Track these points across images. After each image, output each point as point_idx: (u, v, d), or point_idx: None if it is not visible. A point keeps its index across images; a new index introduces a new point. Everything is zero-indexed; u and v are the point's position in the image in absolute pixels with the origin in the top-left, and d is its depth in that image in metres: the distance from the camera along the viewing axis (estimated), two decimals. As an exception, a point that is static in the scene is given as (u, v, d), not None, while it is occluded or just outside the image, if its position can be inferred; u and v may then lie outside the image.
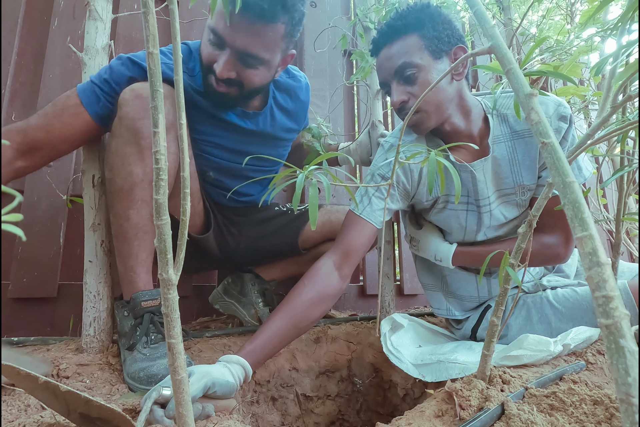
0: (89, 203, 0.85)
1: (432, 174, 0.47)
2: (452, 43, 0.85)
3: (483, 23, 0.36)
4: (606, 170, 2.33)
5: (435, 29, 0.83)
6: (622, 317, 0.23)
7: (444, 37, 0.84)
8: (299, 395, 1.07)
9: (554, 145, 0.30)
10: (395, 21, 0.85)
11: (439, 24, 0.84)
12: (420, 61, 0.82)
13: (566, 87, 1.24)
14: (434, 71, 0.83)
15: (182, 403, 0.38)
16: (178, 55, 0.38)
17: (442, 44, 0.83)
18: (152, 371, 0.72)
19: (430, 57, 0.83)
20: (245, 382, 0.68)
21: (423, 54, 0.82)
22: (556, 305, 0.89)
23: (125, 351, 0.78)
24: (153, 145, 0.37)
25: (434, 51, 0.83)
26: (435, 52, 0.83)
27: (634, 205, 1.54)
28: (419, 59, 0.82)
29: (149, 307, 0.79)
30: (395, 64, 0.83)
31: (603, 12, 1.23)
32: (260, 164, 1.09)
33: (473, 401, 0.56)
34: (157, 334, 0.79)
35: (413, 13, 0.84)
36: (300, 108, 1.12)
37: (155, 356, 0.76)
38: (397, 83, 0.85)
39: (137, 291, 0.80)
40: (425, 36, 0.83)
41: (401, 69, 0.83)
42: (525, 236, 0.54)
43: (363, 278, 1.65)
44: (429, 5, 0.86)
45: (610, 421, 0.49)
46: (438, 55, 0.83)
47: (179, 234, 0.38)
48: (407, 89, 0.84)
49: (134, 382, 0.72)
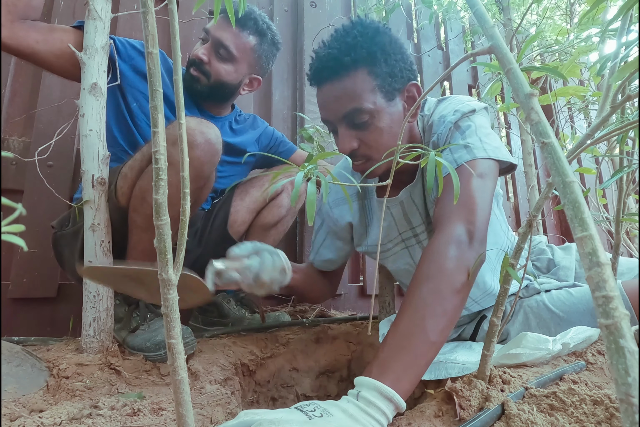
0: (89, 203, 0.85)
1: (432, 173, 0.47)
2: (405, 78, 0.77)
3: (483, 23, 0.36)
4: (606, 171, 2.33)
5: (387, 63, 0.74)
6: (622, 317, 0.23)
7: (397, 73, 0.76)
8: (299, 395, 1.07)
9: (553, 146, 0.30)
10: (342, 54, 0.72)
11: (392, 55, 0.75)
12: (373, 106, 0.73)
13: (566, 87, 1.24)
14: (387, 116, 0.75)
15: (182, 403, 0.38)
16: (177, 55, 0.38)
17: (396, 82, 0.76)
18: (157, 339, 0.81)
19: (383, 100, 0.74)
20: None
21: (376, 97, 0.74)
22: (554, 309, 0.87)
23: (122, 331, 0.87)
24: (153, 146, 0.37)
25: (387, 93, 0.75)
26: (389, 93, 0.75)
27: (634, 206, 1.54)
28: (372, 104, 0.73)
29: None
30: (344, 109, 0.74)
31: (602, 12, 1.23)
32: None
33: (473, 401, 0.56)
34: (152, 313, 0.89)
35: (363, 45, 0.73)
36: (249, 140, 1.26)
37: (154, 327, 0.85)
38: (345, 128, 0.76)
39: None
40: (377, 74, 0.73)
41: (351, 115, 0.74)
42: (525, 236, 0.54)
43: (363, 278, 1.65)
44: (379, 31, 0.75)
45: (610, 421, 0.49)
46: (391, 96, 0.76)
47: (179, 234, 0.38)
48: (357, 135, 0.76)
49: (143, 352, 0.82)
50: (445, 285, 0.58)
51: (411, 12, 2.15)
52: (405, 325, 0.56)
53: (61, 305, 1.15)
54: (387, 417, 0.48)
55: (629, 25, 0.44)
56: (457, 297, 0.58)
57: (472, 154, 0.74)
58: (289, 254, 1.60)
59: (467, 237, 0.64)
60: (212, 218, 1.17)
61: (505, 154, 0.77)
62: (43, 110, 1.22)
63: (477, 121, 0.80)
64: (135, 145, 1.06)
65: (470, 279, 0.60)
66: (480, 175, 0.70)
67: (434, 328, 0.55)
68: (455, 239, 0.63)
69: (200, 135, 0.82)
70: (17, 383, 0.65)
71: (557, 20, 1.90)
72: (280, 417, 0.44)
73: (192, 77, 1.08)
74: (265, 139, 1.31)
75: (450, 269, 0.59)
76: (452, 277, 0.59)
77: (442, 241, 0.63)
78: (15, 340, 0.88)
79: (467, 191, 0.69)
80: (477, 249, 0.64)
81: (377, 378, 0.49)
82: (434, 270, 0.60)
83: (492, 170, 0.74)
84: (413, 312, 0.57)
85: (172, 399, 0.68)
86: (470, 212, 0.66)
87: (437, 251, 0.62)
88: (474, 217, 0.66)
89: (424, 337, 0.54)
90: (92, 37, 0.88)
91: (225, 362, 0.91)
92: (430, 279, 0.59)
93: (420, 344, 0.54)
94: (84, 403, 0.63)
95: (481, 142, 0.75)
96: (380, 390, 0.48)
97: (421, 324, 0.55)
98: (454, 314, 0.58)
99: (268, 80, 1.67)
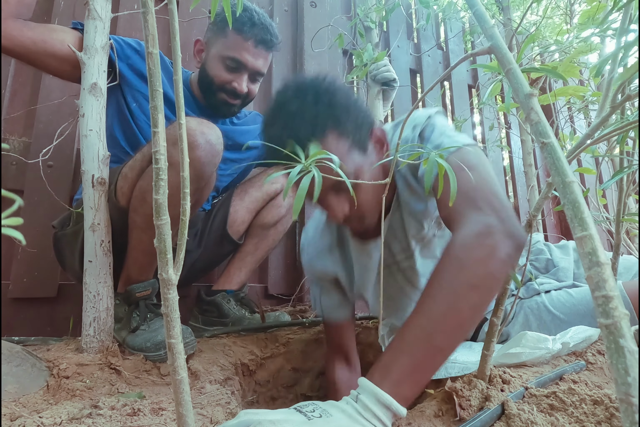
0: (89, 203, 0.85)
1: (430, 173, 0.46)
2: (368, 124, 0.73)
3: (483, 23, 0.36)
4: (606, 171, 2.33)
5: (350, 118, 0.69)
6: (622, 317, 0.23)
7: (361, 123, 0.71)
8: (299, 395, 1.07)
9: (553, 145, 0.30)
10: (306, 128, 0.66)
11: (352, 108, 0.70)
12: (355, 166, 0.69)
13: (565, 87, 1.24)
14: (367, 168, 0.71)
15: (182, 403, 0.38)
16: (177, 55, 0.38)
17: (364, 133, 0.72)
18: (157, 339, 0.82)
19: (360, 156, 0.71)
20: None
21: (354, 157, 0.69)
22: (554, 311, 0.87)
23: (122, 331, 0.88)
24: (153, 146, 0.37)
25: (360, 146, 0.71)
26: (362, 145, 0.71)
27: (634, 206, 1.54)
28: (353, 165, 0.69)
29: (142, 296, 0.89)
30: (329, 181, 0.62)
31: (602, 12, 1.23)
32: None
33: (473, 400, 0.56)
34: (152, 313, 0.89)
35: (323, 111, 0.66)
36: (252, 134, 1.26)
37: (154, 327, 0.86)
38: (334, 197, 0.71)
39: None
40: (346, 133, 0.68)
41: (338, 184, 0.68)
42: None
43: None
44: (329, 89, 0.69)
45: (610, 420, 0.49)
46: (364, 147, 0.72)
47: (179, 234, 0.38)
48: (346, 199, 0.72)
49: (143, 352, 0.82)
50: (462, 279, 0.52)
51: (411, 12, 2.15)
52: (410, 328, 0.52)
53: (61, 305, 1.15)
54: (383, 424, 0.46)
55: (629, 25, 0.44)
56: (475, 293, 0.51)
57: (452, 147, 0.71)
58: (288, 254, 1.61)
59: (495, 223, 0.55)
60: (211, 218, 1.17)
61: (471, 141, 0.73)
62: (43, 111, 1.22)
63: (436, 123, 0.75)
64: (138, 145, 1.05)
65: (496, 271, 0.53)
66: (473, 164, 0.65)
67: (440, 331, 0.50)
68: (478, 230, 0.55)
69: (201, 136, 0.82)
70: (17, 383, 0.65)
71: (556, 20, 1.90)
72: (279, 418, 0.44)
73: (227, 104, 1.11)
74: None
75: (469, 260, 0.53)
76: (469, 270, 0.52)
77: (463, 234, 0.56)
78: (15, 340, 0.88)
79: (467, 181, 0.61)
80: (514, 239, 0.55)
81: (377, 383, 0.48)
82: (449, 265, 0.54)
83: (478, 155, 0.69)
84: (420, 313, 0.52)
85: (172, 399, 0.68)
86: (492, 200, 0.59)
87: (459, 245, 0.55)
88: (498, 203, 0.59)
89: (427, 341, 0.50)
90: (92, 37, 0.88)
91: (225, 362, 0.91)
92: (446, 275, 0.53)
93: (423, 348, 0.50)
94: (84, 403, 0.63)
95: (450, 138, 0.71)
96: (378, 397, 0.47)
97: (427, 327, 0.51)
98: (471, 313, 0.52)
99: (268, 80, 1.67)
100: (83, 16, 0.88)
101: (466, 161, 0.64)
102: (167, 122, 1.02)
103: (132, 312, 0.89)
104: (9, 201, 0.97)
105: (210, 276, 1.37)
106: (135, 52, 1.05)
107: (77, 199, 1.04)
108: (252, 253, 1.20)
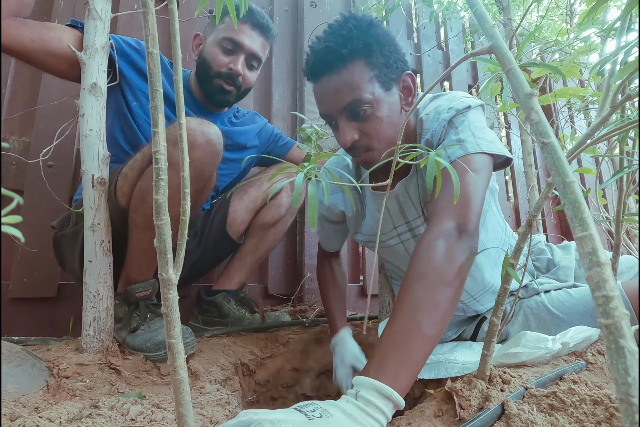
0: (89, 203, 0.85)
1: (432, 172, 0.47)
2: (400, 69, 0.78)
3: (483, 23, 0.36)
4: (606, 171, 2.33)
5: (383, 54, 0.75)
6: (622, 317, 0.23)
7: (393, 64, 0.77)
8: (299, 395, 1.07)
9: (553, 145, 0.30)
10: (339, 46, 0.73)
11: (386, 47, 0.76)
12: (372, 96, 0.74)
13: (565, 88, 1.24)
14: (385, 106, 0.76)
15: (182, 403, 0.38)
16: (178, 55, 0.38)
17: (392, 73, 0.77)
18: (157, 339, 0.82)
19: (381, 90, 0.75)
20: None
21: (374, 87, 0.74)
22: (554, 311, 0.86)
23: (122, 331, 0.88)
24: (153, 146, 0.37)
25: (384, 82, 0.75)
26: (386, 83, 0.76)
27: (634, 206, 1.54)
28: (370, 94, 0.74)
29: (142, 296, 0.89)
30: (344, 101, 0.74)
31: (602, 12, 1.23)
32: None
33: (473, 400, 0.56)
34: (152, 313, 0.90)
35: (358, 36, 0.73)
36: (250, 134, 1.26)
37: (154, 327, 0.86)
38: (345, 119, 0.76)
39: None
40: (373, 64, 0.74)
41: (351, 106, 0.74)
42: (525, 235, 0.54)
43: (363, 278, 1.65)
44: (372, 24, 0.76)
45: (610, 420, 0.49)
46: (388, 86, 0.76)
47: (179, 234, 0.38)
48: (358, 126, 0.76)
49: (143, 352, 0.82)
50: (435, 279, 0.58)
51: (411, 12, 2.15)
52: (399, 321, 0.56)
53: (61, 305, 1.16)
54: (386, 416, 0.48)
55: (629, 25, 0.44)
56: (449, 290, 0.58)
57: (464, 149, 0.74)
58: (288, 254, 1.61)
59: (456, 231, 0.64)
60: (211, 218, 1.17)
61: (500, 147, 0.76)
62: (43, 111, 1.22)
63: (470, 117, 0.79)
64: (137, 145, 1.05)
65: (460, 271, 0.60)
66: (473, 170, 0.70)
67: (427, 322, 0.55)
68: (444, 234, 0.63)
69: (201, 136, 0.82)
70: (17, 383, 0.65)
71: (557, 20, 1.90)
72: (279, 418, 0.44)
73: (222, 90, 1.09)
74: (266, 133, 1.32)
75: (439, 262, 0.60)
76: (442, 271, 0.59)
77: (431, 236, 0.64)
78: (15, 340, 0.88)
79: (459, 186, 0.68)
80: (468, 241, 0.64)
81: (374, 377, 0.49)
82: (423, 265, 0.60)
83: (486, 165, 0.73)
84: (406, 308, 0.57)
85: (172, 399, 0.68)
86: (462, 206, 0.66)
87: (427, 246, 0.63)
88: (465, 211, 0.66)
89: (417, 331, 0.54)
90: (92, 37, 0.88)
91: (225, 362, 0.91)
92: (421, 275, 0.59)
93: (414, 339, 0.54)
94: (84, 403, 0.63)
95: (474, 137, 0.75)
96: (378, 389, 0.48)
97: (414, 319, 0.55)
98: (448, 307, 0.58)
99: (268, 80, 1.67)
100: (83, 16, 0.88)
101: (460, 168, 0.70)
102: (167, 121, 1.02)
103: (132, 312, 0.89)
104: (9, 201, 0.96)
105: (210, 276, 1.37)
106: (135, 50, 1.05)
107: (76, 199, 1.03)
108: (252, 253, 1.20)
